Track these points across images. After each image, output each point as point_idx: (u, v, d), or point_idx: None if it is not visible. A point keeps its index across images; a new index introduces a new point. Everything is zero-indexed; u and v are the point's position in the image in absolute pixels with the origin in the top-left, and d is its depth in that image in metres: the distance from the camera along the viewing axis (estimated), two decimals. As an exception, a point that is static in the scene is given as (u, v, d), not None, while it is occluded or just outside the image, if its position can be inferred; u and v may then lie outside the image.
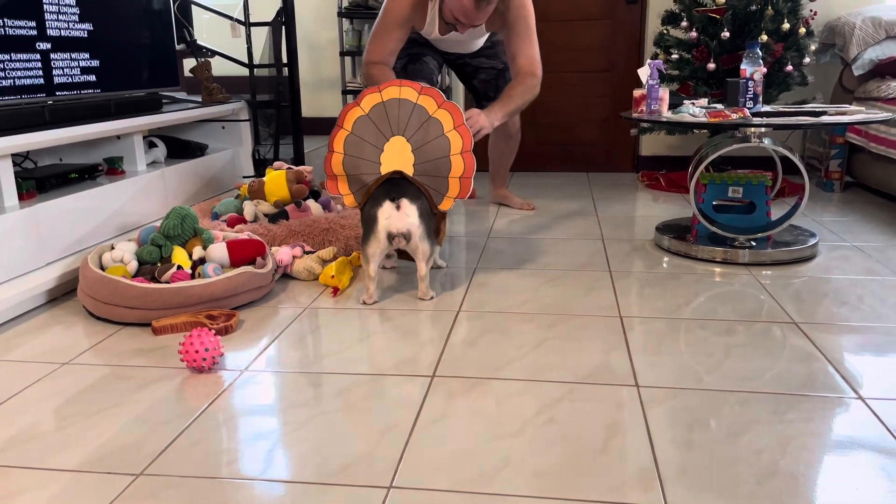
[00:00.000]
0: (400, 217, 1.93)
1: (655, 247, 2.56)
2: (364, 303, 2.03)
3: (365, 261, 2.00)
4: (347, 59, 4.12)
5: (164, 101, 2.93)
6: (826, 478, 1.16)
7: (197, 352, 1.56)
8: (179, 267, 2.00)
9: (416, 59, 2.78)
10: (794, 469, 1.18)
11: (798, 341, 1.70)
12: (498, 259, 2.45)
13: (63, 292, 2.13)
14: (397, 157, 2.02)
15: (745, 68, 2.25)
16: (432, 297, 2.06)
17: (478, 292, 2.11)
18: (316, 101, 4.32)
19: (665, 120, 2.25)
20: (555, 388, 1.49)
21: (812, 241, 2.38)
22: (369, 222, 1.96)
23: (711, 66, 3.19)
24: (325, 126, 4.30)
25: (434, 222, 2.09)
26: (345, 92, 4.02)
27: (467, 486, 1.15)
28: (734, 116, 2.14)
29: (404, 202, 1.93)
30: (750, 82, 2.24)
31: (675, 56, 3.34)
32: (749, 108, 2.27)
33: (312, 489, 1.15)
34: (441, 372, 1.57)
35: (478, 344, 1.72)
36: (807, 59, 3.19)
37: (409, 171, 2.02)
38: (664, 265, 2.33)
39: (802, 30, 3.15)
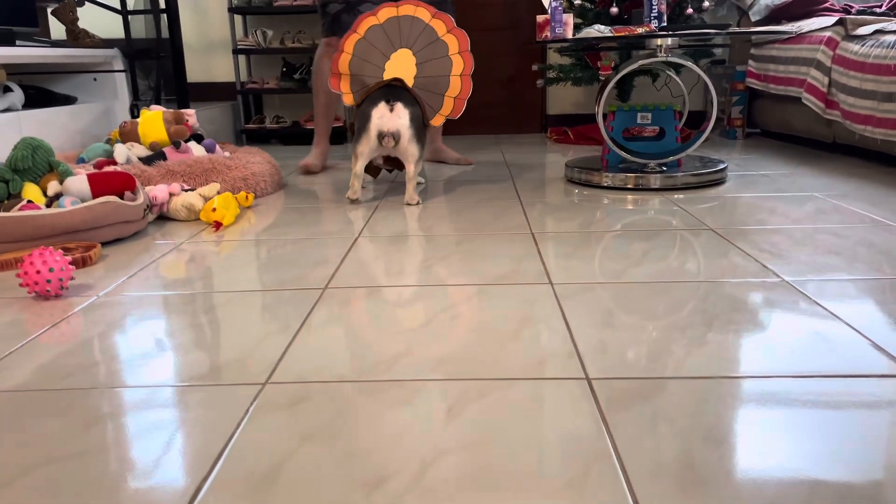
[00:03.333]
0: (392, 118, 2.01)
1: (566, 181, 2.46)
2: (349, 199, 2.15)
3: (354, 158, 2.09)
4: (238, 18, 3.85)
5: (20, 43, 2.60)
6: (752, 342, 1.05)
7: (38, 272, 1.31)
8: (30, 202, 1.73)
9: (350, 9, 2.54)
10: (723, 338, 1.06)
11: (716, 241, 1.61)
12: (400, 198, 2.28)
13: None
14: (401, 66, 2.15)
15: (648, -15, 2.17)
16: (418, 203, 2.12)
17: (378, 223, 1.93)
18: (204, 64, 4.03)
19: (571, 38, 2.14)
20: (462, 289, 1.33)
21: (721, 166, 2.33)
22: (363, 121, 2.04)
23: (614, 10, 3.14)
24: (216, 91, 4.02)
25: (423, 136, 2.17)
26: (236, 52, 3.75)
27: (359, 376, 0.97)
28: (640, 31, 2.05)
29: (398, 105, 2.02)
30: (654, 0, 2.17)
31: (577, 2, 3.27)
32: (655, 26, 2.19)
33: (174, 391, 0.94)
34: (335, 284, 1.38)
35: (378, 260, 1.55)
36: (706, 3, 3.19)
37: (409, 82, 2.13)
38: (576, 194, 2.23)
39: (700, -27, 3.14)
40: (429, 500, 0.69)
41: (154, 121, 2.30)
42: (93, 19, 3.36)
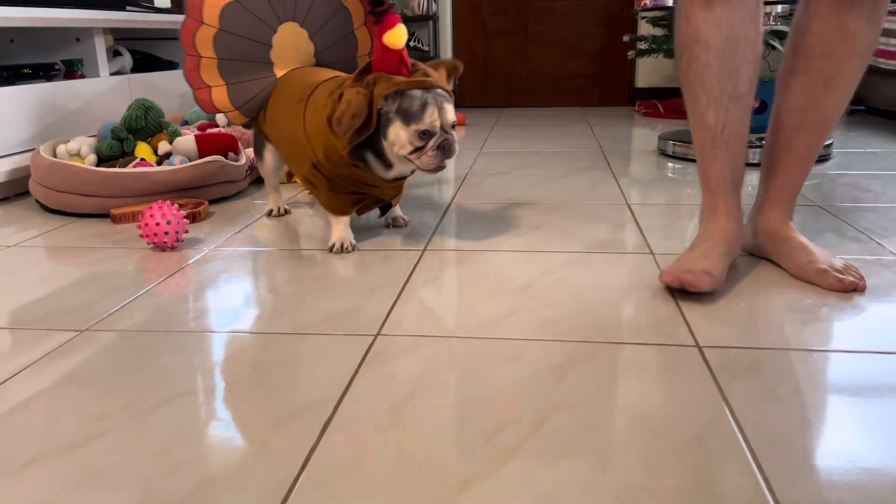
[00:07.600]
0: None
1: (660, 153, 2.40)
2: None
3: None
4: None
5: (129, 8, 2.71)
6: (869, 318, 1.01)
7: (158, 224, 1.38)
8: (142, 160, 1.82)
9: None
10: (839, 314, 1.03)
11: (823, 216, 1.55)
12: (490, 165, 2.28)
13: (13, 192, 1.94)
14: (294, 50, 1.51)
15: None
16: None
17: (469, 190, 1.94)
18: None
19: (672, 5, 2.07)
20: (562, 256, 1.33)
21: (827, 142, 2.22)
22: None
23: (713, -22, 3.01)
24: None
25: None
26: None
27: (466, 333, 0.99)
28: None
29: None
30: (763, -35, 2.07)
31: (674, -29, 3.16)
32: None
33: (288, 338, 0.99)
34: (433, 247, 1.41)
35: (472, 227, 1.56)
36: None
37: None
38: (670, 167, 2.18)
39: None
40: (547, 450, 0.71)
41: (253, 85, 2.37)
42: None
